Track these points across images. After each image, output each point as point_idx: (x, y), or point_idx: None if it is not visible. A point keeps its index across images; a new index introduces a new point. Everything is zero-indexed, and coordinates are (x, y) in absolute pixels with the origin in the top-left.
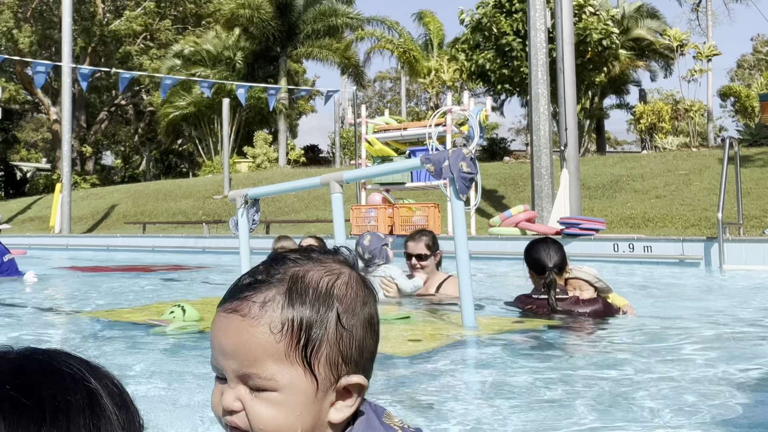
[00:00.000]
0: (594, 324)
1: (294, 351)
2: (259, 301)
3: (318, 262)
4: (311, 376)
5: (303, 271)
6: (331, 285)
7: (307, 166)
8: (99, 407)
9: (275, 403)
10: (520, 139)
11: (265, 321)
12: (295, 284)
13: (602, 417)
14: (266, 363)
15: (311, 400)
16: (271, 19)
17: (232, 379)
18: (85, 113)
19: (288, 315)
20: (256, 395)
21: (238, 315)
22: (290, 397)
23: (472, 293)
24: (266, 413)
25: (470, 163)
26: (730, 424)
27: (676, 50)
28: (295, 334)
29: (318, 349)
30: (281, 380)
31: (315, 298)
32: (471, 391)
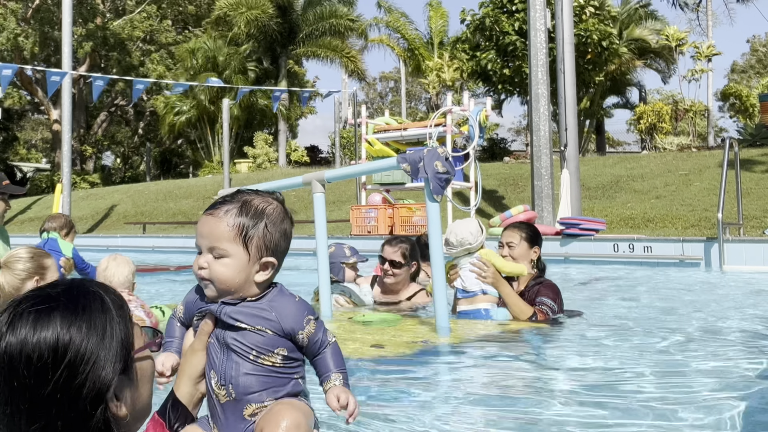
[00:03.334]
0: (577, 325)
1: (238, 237)
2: (224, 209)
3: (260, 196)
4: (246, 251)
5: (250, 198)
6: (263, 207)
7: (308, 166)
8: (106, 307)
9: (226, 264)
10: (520, 139)
11: (225, 220)
12: (245, 204)
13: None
14: (223, 242)
15: (245, 265)
16: (272, 19)
17: (204, 251)
18: (85, 113)
19: (238, 219)
20: (216, 260)
21: (212, 216)
22: (234, 262)
23: (446, 297)
24: (221, 269)
25: (445, 162)
26: (730, 424)
27: (675, 50)
28: (240, 229)
29: (251, 238)
30: (230, 251)
31: (254, 212)
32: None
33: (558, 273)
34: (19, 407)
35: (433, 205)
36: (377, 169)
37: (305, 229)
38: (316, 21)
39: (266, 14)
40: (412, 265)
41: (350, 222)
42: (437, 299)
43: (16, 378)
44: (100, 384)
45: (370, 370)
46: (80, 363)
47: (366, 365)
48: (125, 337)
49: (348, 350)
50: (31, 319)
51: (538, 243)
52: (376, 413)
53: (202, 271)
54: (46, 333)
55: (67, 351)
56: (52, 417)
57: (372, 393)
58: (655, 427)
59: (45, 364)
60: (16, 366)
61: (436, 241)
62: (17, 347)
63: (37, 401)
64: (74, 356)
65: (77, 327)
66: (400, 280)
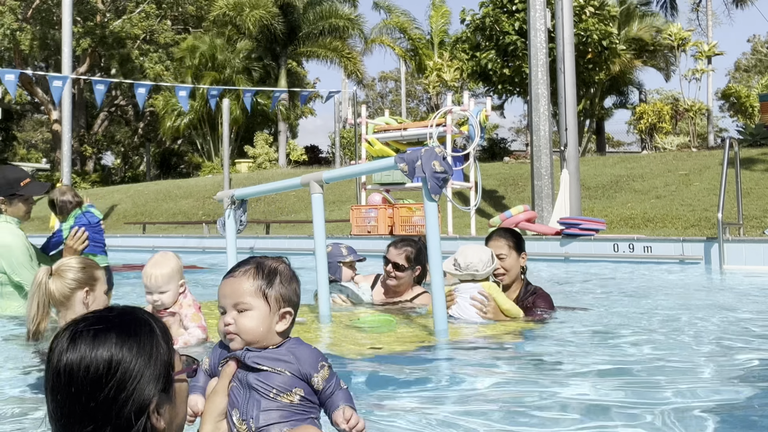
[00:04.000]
0: (576, 326)
1: (259, 291)
2: (242, 271)
3: (271, 258)
4: (267, 303)
5: (263, 260)
6: (275, 266)
7: (308, 166)
8: (153, 333)
9: (251, 316)
10: (520, 139)
11: (245, 278)
12: (260, 265)
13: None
14: (246, 297)
15: (267, 315)
16: (273, 18)
17: (228, 309)
18: (85, 113)
19: (257, 276)
20: (240, 314)
21: (232, 278)
22: (257, 313)
23: (444, 300)
24: (247, 321)
25: (443, 162)
26: (730, 424)
27: (676, 49)
28: (259, 284)
29: (270, 292)
30: (253, 304)
31: (268, 271)
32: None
33: (558, 273)
34: (74, 412)
35: (431, 204)
36: (375, 169)
37: (305, 229)
38: (316, 21)
39: (269, 14)
40: (416, 269)
41: (350, 222)
42: (435, 300)
43: (75, 386)
44: (144, 398)
45: (367, 371)
46: (129, 378)
47: (364, 366)
48: (168, 359)
49: (345, 352)
50: (90, 336)
51: (524, 249)
52: (374, 413)
53: (229, 327)
54: (103, 351)
55: (119, 367)
56: (100, 423)
57: (370, 393)
58: (655, 427)
59: (99, 376)
60: (75, 377)
61: (434, 240)
62: (77, 361)
63: (89, 408)
64: (124, 372)
65: (128, 347)
66: (402, 283)
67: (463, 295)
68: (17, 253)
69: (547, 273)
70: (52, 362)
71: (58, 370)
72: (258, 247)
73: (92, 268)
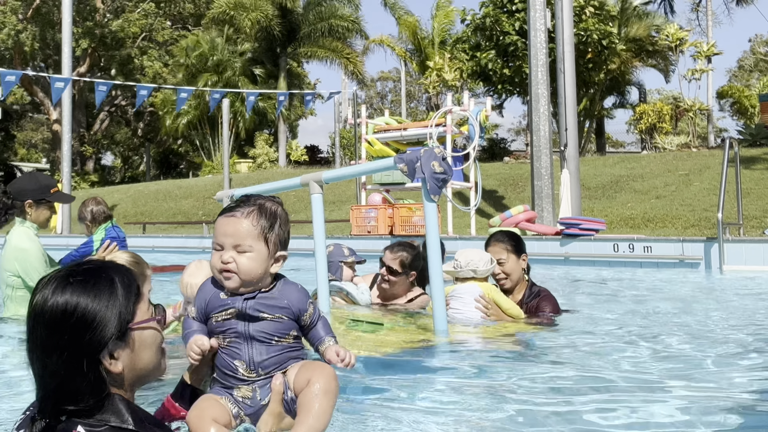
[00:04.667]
0: (575, 326)
1: (261, 235)
2: (245, 211)
3: (269, 200)
4: (266, 247)
5: (263, 201)
6: (275, 209)
7: (308, 166)
8: (113, 286)
9: (251, 258)
10: (520, 139)
11: (248, 220)
12: (261, 207)
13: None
14: (248, 239)
15: (265, 258)
16: (274, 19)
17: (227, 248)
18: (85, 113)
19: (259, 219)
20: (240, 254)
21: (234, 217)
22: (257, 256)
23: (444, 299)
24: (246, 262)
25: (443, 162)
26: (730, 424)
27: (675, 49)
28: (262, 228)
29: (270, 236)
30: (254, 247)
31: (270, 214)
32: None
33: (558, 273)
34: (44, 346)
35: (430, 205)
36: (374, 169)
37: (305, 230)
38: (316, 21)
39: (268, 15)
40: (411, 274)
41: (350, 222)
42: (435, 300)
43: (42, 325)
44: (97, 342)
45: (366, 371)
46: (85, 322)
47: (363, 366)
48: (124, 310)
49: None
50: (56, 285)
51: (524, 250)
52: (373, 414)
53: (229, 265)
54: (63, 297)
55: (75, 311)
56: (61, 356)
57: (369, 393)
58: (654, 427)
59: (59, 318)
60: (40, 317)
61: (433, 241)
62: (42, 303)
63: (52, 344)
64: (81, 316)
65: (86, 296)
66: (397, 288)
67: (463, 297)
68: (32, 258)
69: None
70: (31, 305)
71: (33, 312)
72: None
73: (143, 264)
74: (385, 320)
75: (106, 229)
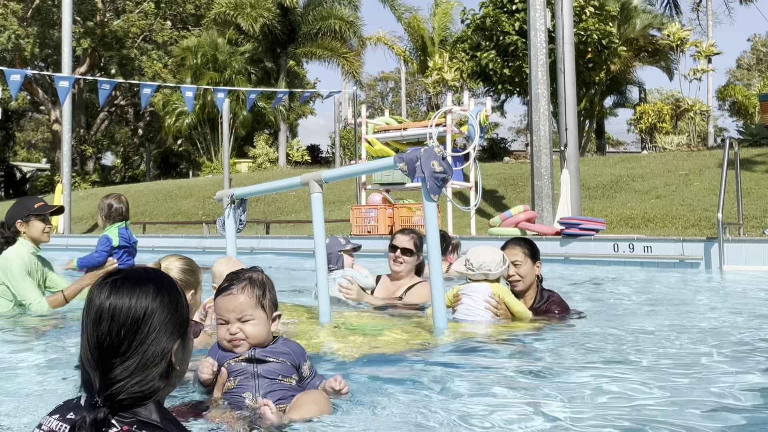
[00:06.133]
0: (575, 326)
1: (258, 303)
2: (239, 287)
3: (254, 271)
4: (264, 312)
5: (250, 274)
6: (262, 278)
7: (308, 166)
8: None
9: (254, 324)
10: (520, 139)
11: (244, 294)
12: (251, 279)
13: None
14: (248, 309)
15: (266, 321)
16: (274, 19)
17: (232, 321)
18: (85, 113)
19: (253, 291)
20: (244, 324)
21: (231, 295)
22: (259, 321)
23: (444, 296)
24: (251, 329)
25: (442, 162)
26: (729, 424)
27: (675, 49)
28: (257, 298)
29: (264, 302)
30: (255, 315)
31: (259, 284)
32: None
33: (558, 273)
34: (111, 346)
35: (430, 204)
36: (374, 168)
37: (305, 229)
38: (315, 21)
39: (270, 14)
40: (420, 255)
41: (350, 222)
42: (435, 300)
43: (116, 326)
44: (168, 340)
45: (366, 371)
46: (159, 324)
47: (363, 366)
48: (186, 315)
49: (344, 352)
50: (131, 287)
51: (539, 257)
52: (372, 413)
53: (237, 335)
54: (142, 300)
55: (154, 314)
56: (131, 356)
57: (368, 393)
58: (654, 427)
59: (137, 319)
60: (117, 318)
61: (433, 241)
62: (120, 305)
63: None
64: (156, 319)
65: (161, 299)
66: (409, 269)
67: (473, 295)
68: (12, 265)
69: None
70: (95, 304)
71: (101, 312)
72: (259, 248)
73: (197, 272)
74: (384, 323)
75: (119, 228)
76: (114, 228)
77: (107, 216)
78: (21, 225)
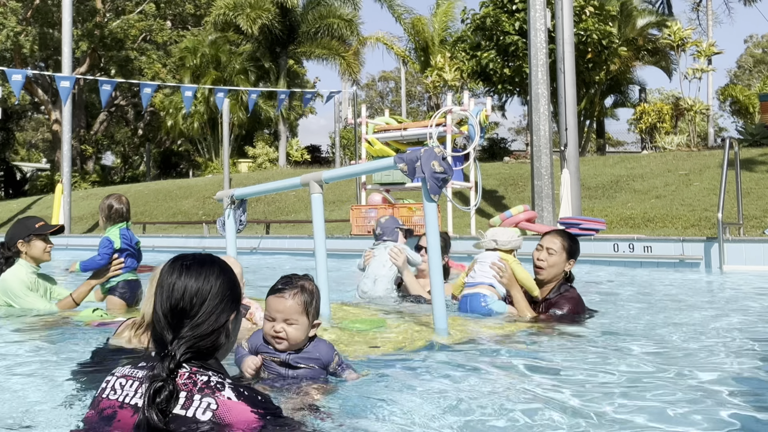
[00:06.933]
0: (575, 326)
1: (304, 311)
2: (292, 293)
3: (306, 279)
4: (307, 319)
5: (303, 282)
6: (312, 288)
7: (309, 166)
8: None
9: (296, 329)
10: (520, 139)
11: (293, 300)
12: (303, 287)
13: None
14: (294, 314)
15: (307, 327)
16: (274, 18)
17: (279, 320)
18: (85, 113)
19: (302, 298)
20: (289, 326)
21: (283, 297)
22: (301, 327)
23: (444, 296)
24: (294, 332)
25: (443, 162)
26: (729, 424)
27: (676, 49)
28: (304, 305)
29: (310, 310)
30: (299, 321)
31: (309, 293)
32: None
33: None
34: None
35: (430, 204)
36: (374, 169)
37: (305, 229)
38: (315, 21)
39: (269, 14)
40: (445, 257)
41: (350, 222)
42: (435, 300)
43: (188, 301)
44: (228, 313)
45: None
46: (223, 298)
47: (363, 366)
48: (239, 292)
49: (346, 352)
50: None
51: (575, 257)
52: (373, 413)
53: (280, 333)
54: (210, 278)
55: (219, 290)
56: (199, 325)
57: (368, 393)
58: (654, 428)
59: (206, 295)
60: (189, 294)
61: (433, 241)
62: (191, 283)
63: (194, 315)
64: (221, 294)
65: (224, 278)
66: None
67: (483, 261)
68: (10, 285)
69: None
70: (168, 282)
71: (173, 287)
72: (260, 248)
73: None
74: (384, 322)
75: (120, 230)
76: (115, 229)
77: (108, 217)
78: (22, 245)
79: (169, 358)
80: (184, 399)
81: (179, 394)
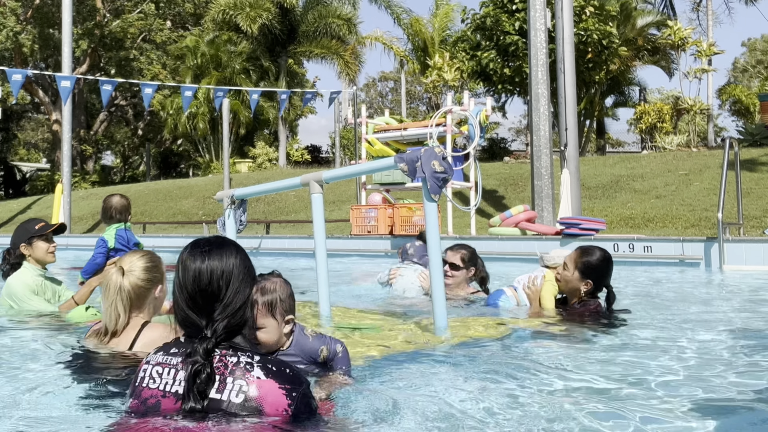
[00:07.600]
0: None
1: (268, 312)
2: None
3: (266, 279)
4: (275, 319)
5: (263, 283)
6: (273, 286)
7: (309, 166)
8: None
9: (265, 332)
10: (520, 139)
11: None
12: (262, 290)
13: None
14: (260, 319)
15: (277, 328)
16: (274, 18)
17: None
18: (85, 113)
19: (263, 301)
20: (258, 331)
21: None
22: (270, 329)
23: (445, 297)
24: (263, 336)
25: (443, 162)
26: (729, 424)
27: (677, 49)
28: (267, 308)
29: (275, 311)
30: (266, 324)
31: (271, 292)
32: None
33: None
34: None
35: (430, 204)
36: (374, 169)
37: (305, 229)
38: (314, 21)
39: (269, 14)
40: (471, 269)
41: (350, 222)
42: (435, 300)
43: (214, 283)
44: (249, 292)
45: (366, 371)
46: (244, 278)
47: (363, 365)
48: (253, 265)
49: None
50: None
51: (591, 278)
52: (372, 414)
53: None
54: (230, 259)
55: (241, 270)
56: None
57: (369, 393)
58: (654, 429)
59: (231, 275)
60: (215, 276)
61: (434, 240)
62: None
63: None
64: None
65: (241, 259)
66: (459, 282)
67: (535, 273)
68: (14, 289)
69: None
70: (192, 268)
71: (199, 272)
72: (261, 247)
73: (159, 263)
74: (384, 323)
75: (117, 230)
76: (112, 229)
77: (108, 217)
78: (25, 248)
79: (206, 340)
80: (218, 383)
81: (215, 377)
